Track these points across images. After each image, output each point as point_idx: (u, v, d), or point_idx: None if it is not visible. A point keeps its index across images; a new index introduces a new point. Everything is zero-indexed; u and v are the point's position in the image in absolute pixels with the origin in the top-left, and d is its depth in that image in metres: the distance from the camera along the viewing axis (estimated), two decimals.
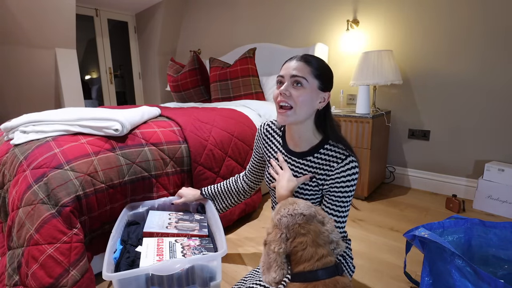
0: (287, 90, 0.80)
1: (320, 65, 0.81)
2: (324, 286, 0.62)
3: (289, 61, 0.82)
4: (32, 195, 0.94)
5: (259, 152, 1.06)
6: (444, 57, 1.89)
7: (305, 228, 0.67)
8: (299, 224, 0.68)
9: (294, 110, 0.80)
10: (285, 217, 0.69)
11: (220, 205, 1.19)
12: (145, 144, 1.25)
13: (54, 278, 0.86)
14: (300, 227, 0.67)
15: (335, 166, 0.82)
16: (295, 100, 0.79)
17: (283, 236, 0.67)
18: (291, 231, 0.67)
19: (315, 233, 0.67)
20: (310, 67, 0.80)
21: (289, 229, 0.68)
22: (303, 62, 0.80)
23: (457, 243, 1.01)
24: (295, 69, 0.79)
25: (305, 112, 0.81)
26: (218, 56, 3.35)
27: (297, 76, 0.79)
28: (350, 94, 2.34)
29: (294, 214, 0.69)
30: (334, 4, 2.34)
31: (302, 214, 0.69)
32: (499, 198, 1.65)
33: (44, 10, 2.51)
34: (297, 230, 0.67)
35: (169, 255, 0.87)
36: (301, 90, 0.79)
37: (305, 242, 0.66)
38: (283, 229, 0.68)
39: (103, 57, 3.79)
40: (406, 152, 2.15)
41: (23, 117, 1.21)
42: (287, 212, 0.69)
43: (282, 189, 0.85)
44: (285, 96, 0.80)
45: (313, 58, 0.82)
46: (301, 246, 0.66)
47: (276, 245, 0.66)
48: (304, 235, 0.67)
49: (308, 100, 0.80)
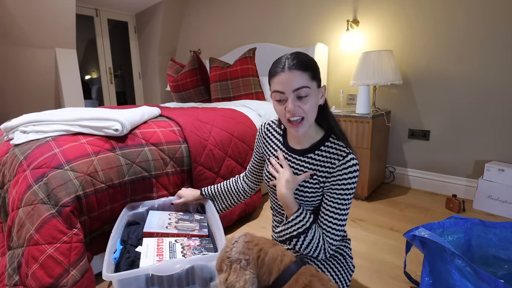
0: (295, 106, 0.77)
1: (309, 63, 0.77)
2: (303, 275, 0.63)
3: (280, 73, 0.76)
4: (32, 195, 0.94)
5: (259, 152, 1.06)
6: (444, 57, 1.89)
7: (253, 241, 0.69)
8: (248, 242, 0.69)
9: (305, 119, 0.79)
10: (231, 248, 0.69)
11: (220, 205, 1.19)
12: (145, 144, 1.25)
13: (54, 278, 0.86)
14: (250, 243, 0.69)
15: (336, 163, 0.82)
16: (306, 111, 0.78)
17: (243, 264, 0.66)
18: (246, 251, 0.68)
19: (264, 238, 0.70)
20: (306, 72, 0.76)
21: (244, 252, 0.67)
22: (296, 70, 0.75)
23: (457, 243, 1.01)
24: (293, 81, 0.75)
25: (314, 116, 0.81)
26: (218, 56, 3.35)
27: (301, 88, 0.76)
28: (350, 94, 2.34)
29: (236, 241, 0.70)
30: (334, 4, 2.34)
31: (241, 237, 0.71)
32: (499, 198, 1.65)
33: (44, 10, 2.51)
34: (250, 247, 0.68)
35: (169, 255, 0.87)
36: (308, 100, 0.77)
37: (263, 247, 0.68)
38: (240, 257, 0.67)
39: (103, 57, 3.79)
40: (406, 152, 2.15)
41: (23, 117, 1.21)
42: (230, 245, 0.70)
43: (282, 187, 0.85)
44: (296, 112, 0.78)
45: (302, 60, 0.77)
46: (263, 252, 0.67)
47: (239, 281, 0.64)
48: (257, 245, 0.68)
49: (315, 105, 0.80)
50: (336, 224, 0.82)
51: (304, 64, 0.76)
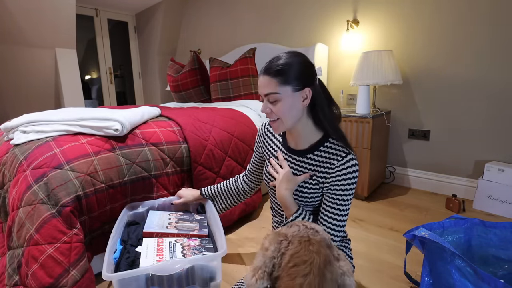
0: (266, 108, 0.82)
1: (285, 68, 0.77)
2: None
3: (260, 75, 0.82)
4: (32, 195, 0.94)
5: (259, 152, 1.06)
6: (444, 57, 1.89)
7: (315, 246, 0.54)
8: (309, 238, 0.55)
9: (280, 120, 0.83)
10: (297, 225, 0.60)
11: (220, 205, 1.19)
12: (145, 144, 1.25)
13: (54, 278, 0.86)
14: (309, 242, 0.54)
15: (335, 164, 0.82)
16: (276, 113, 0.81)
17: (284, 243, 0.56)
18: (297, 239, 0.56)
19: (325, 257, 0.52)
20: (275, 78, 0.77)
21: (294, 237, 0.56)
22: (266, 75, 0.79)
23: (457, 243, 1.01)
24: (263, 86, 0.81)
25: (292, 118, 0.82)
26: (218, 56, 3.35)
27: (269, 94, 0.80)
28: (350, 94, 2.34)
29: (308, 227, 0.59)
30: (334, 4, 2.34)
31: (315, 230, 0.58)
32: (499, 198, 1.65)
33: (44, 10, 2.51)
34: (304, 243, 0.54)
35: (169, 255, 0.87)
36: (278, 104, 0.80)
37: (309, 263, 0.51)
38: (289, 235, 0.57)
39: (103, 57, 3.79)
40: (406, 152, 2.15)
41: (23, 117, 1.21)
42: (301, 223, 0.61)
43: (282, 187, 0.86)
44: (268, 114, 0.83)
45: (274, 65, 0.78)
46: (303, 267, 0.50)
47: (268, 243, 0.57)
48: (310, 253, 0.52)
49: (289, 108, 0.80)
50: (335, 225, 0.82)
51: (274, 70, 0.78)
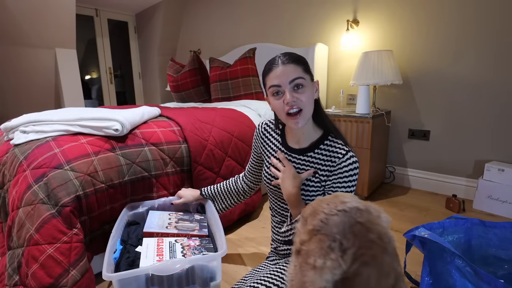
0: (293, 97, 0.79)
1: (301, 59, 0.82)
2: None
3: (275, 68, 0.80)
4: (32, 195, 0.94)
5: (257, 152, 1.06)
6: (444, 57, 1.89)
7: (373, 230, 0.41)
8: (362, 224, 0.41)
9: (303, 112, 0.81)
10: (335, 214, 0.43)
11: (220, 205, 1.19)
12: (145, 144, 1.25)
13: (54, 278, 0.86)
14: (366, 228, 0.41)
15: (336, 161, 0.82)
16: (303, 101, 0.80)
17: (335, 246, 0.41)
18: (352, 236, 0.41)
19: (389, 239, 0.41)
20: (300, 65, 0.80)
21: (346, 234, 0.41)
22: (292, 63, 0.80)
23: (457, 243, 1.01)
24: (289, 72, 0.79)
25: (311, 109, 0.83)
26: (218, 56, 3.35)
27: (296, 78, 0.79)
28: (350, 94, 2.34)
29: (349, 209, 0.43)
30: (334, 4, 2.34)
31: (358, 209, 0.43)
32: (499, 198, 1.65)
33: (44, 10, 2.51)
34: (363, 234, 0.41)
35: (169, 255, 0.87)
36: (305, 90, 0.80)
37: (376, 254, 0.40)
38: (335, 235, 0.42)
39: (103, 57, 3.79)
40: (406, 152, 2.15)
41: (23, 117, 1.21)
42: (335, 208, 0.44)
43: (289, 186, 0.84)
44: (294, 103, 0.79)
45: (294, 56, 0.82)
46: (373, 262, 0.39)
47: (318, 257, 0.41)
48: (373, 244, 0.40)
49: (311, 97, 0.82)
50: None
51: (296, 59, 0.81)
